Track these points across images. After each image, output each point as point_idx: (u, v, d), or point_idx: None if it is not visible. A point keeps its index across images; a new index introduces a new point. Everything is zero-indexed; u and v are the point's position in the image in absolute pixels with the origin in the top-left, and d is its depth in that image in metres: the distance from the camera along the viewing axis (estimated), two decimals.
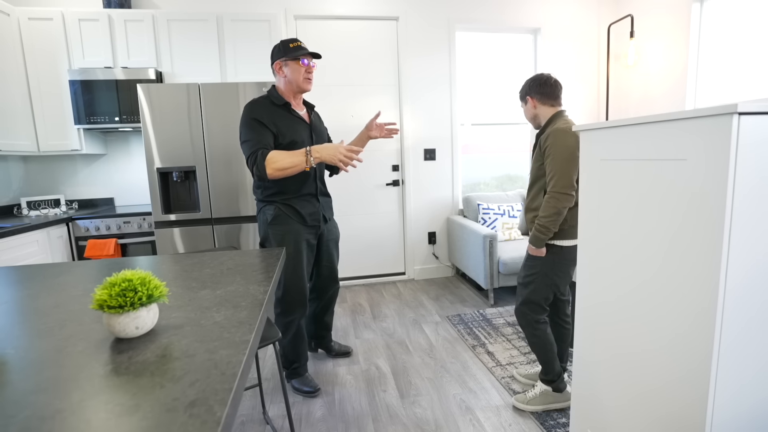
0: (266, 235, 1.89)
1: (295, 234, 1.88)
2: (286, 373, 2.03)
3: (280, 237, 1.87)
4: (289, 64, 1.80)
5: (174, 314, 0.85)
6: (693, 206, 0.93)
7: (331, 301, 2.23)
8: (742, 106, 0.83)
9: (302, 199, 1.90)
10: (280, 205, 1.86)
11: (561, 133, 1.60)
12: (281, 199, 1.87)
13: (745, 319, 0.92)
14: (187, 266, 1.24)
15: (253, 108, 1.78)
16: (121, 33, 2.72)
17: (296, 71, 1.81)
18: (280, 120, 1.80)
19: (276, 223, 1.86)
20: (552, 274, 1.70)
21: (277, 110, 1.82)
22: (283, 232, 1.86)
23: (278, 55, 1.81)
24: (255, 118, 1.76)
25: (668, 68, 3.21)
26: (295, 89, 1.85)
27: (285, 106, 1.84)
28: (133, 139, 3.12)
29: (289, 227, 1.87)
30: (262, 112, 1.78)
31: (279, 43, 1.83)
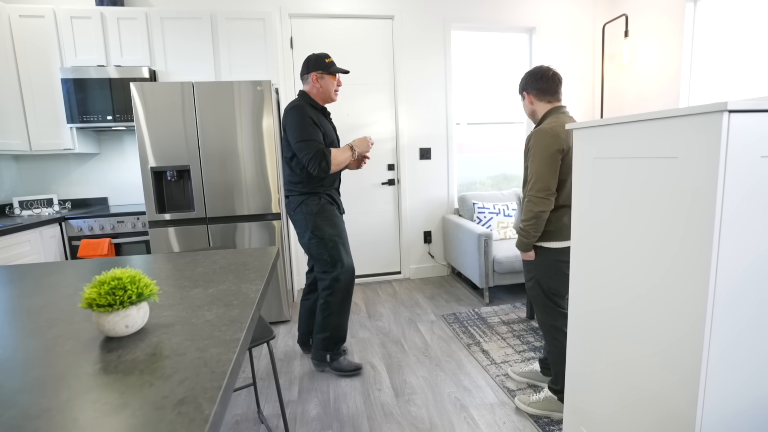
0: (315, 224, 2.04)
1: (338, 218, 2.11)
2: (329, 356, 2.13)
3: (329, 221, 2.06)
4: (325, 77, 2.03)
5: (165, 313, 0.84)
6: (684, 204, 0.93)
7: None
8: (732, 104, 0.84)
9: (335, 190, 2.16)
10: (323, 195, 2.08)
11: (542, 135, 1.57)
12: (323, 190, 2.08)
13: (735, 320, 0.92)
14: (180, 265, 1.23)
15: (304, 110, 1.96)
16: (113, 31, 2.70)
17: (330, 84, 2.05)
18: (322, 122, 2.04)
19: (322, 212, 2.05)
20: (545, 277, 1.69)
21: (318, 114, 2.04)
22: (329, 217, 2.06)
23: (315, 67, 2.03)
24: (311, 118, 1.95)
25: (662, 68, 3.22)
26: (326, 98, 2.07)
27: (322, 110, 2.08)
28: (127, 138, 3.10)
29: (333, 211, 2.09)
30: (312, 114, 1.98)
31: (314, 56, 2.04)
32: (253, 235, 2.64)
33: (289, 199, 2.12)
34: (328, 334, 2.11)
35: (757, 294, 0.93)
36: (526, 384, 1.97)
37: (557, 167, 1.56)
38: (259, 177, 2.59)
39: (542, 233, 1.64)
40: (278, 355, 2.37)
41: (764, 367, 0.98)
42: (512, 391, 1.91)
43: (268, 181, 2.61)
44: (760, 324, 0.95)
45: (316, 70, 2.02)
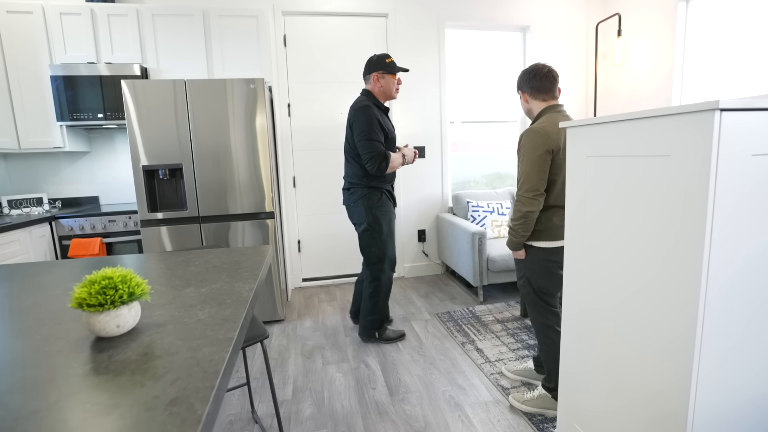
0: (374, 217, 2.27)
1: (393, 213, 2.36)
2: (377, 333, 2.42)
3: (388, 218, 2.31)
4: (386, 76, 2.20)
5: (157, 312, 0.83)
6: (677, 202, 0.94)
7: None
8: (723, 102, 0.84)
9: (391, 186, 2.39)
10: (384, 191, 2.31)
11: (533, 135, 1.57)
12: (384, 186, 2.30)
13: (727, 320, 0.93)
14: (172, 264, 1.22)
15: (371, 110, 2.14)
16: (104, 28, 2.66)
17: (391, 83, 2.22)
18: (385, 120, 2.23)
19: (381, 206, 2.28)
20: (535, 275, 1.69)
21: (381, 113, 2.22)
22: (387, 212, 2.31)
23: (376, 68, 2.20)
24: (377, 119, 2.14)
25: (655, 66, 3.25)
26: (387, 96, 2.25)
27: (385, 109, 2.27)
28: (118, 136, 3.06)
29: (390, 210, 2.34)
30: (377, 114, 2.17)
31: (375, 57, 2.22)
32: (247, 234, 2.62)
33: (350, 191, 2.33)
34: (376, 316, 2.39)
35: (750, 293, 0.94)
36: (521, 382, 1.98)
37: (546, 168, 1.56)
38: (252, 175, 2.58)
39: (532, 232, 1.65)
40: (272, 354, 2.36)
41: (756, 368, 0.99)
42: (506, 389, 1.92)
43: (261, 179, 2.59)
44: (753, 324, 0.96)
45: (377, 70, 2.20)
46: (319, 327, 2.70)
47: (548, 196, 1.61)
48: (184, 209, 2.54)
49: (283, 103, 3.28)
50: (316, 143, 3.40)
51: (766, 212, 0.93)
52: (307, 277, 3.54)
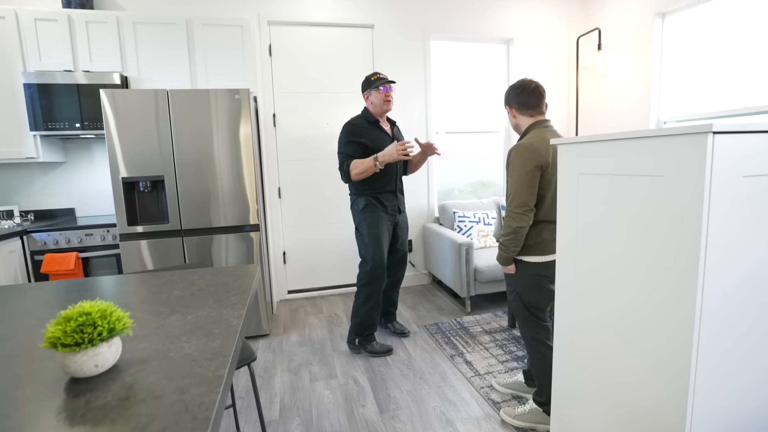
0: (359, 220, 2.42)
1: (380, 219, 2.40)
2: (359, 340, 2.47)
3: (369, 221, 2.38)
4: (372, 93, 2.35)
5: (140, 345, 0.78)
6: (670, 222, 0.94)
7: (399, 281, 2.68)
8: (716, 125, 0.85)
9: (385, 193, 2.43)
10: (369, 197, 2.40)
11: (521, 150, 1.56)
12: (370, 193, 2.40)
13: (722, 339, 0.93)
14: (155, 287, 1.16)
15: (350, 127, 2.35)
16: (82, 35, 2.58)
17: (378, 97, 2.34)
18: (371, 134, 2.36)
19: (366, 211, 2.39)
20: (525, 290, 1.69)
21: (369, 126, 2.37)
22: (372, 218, 2.38)
23: (365, 87, 2.38)
24: (350, 136, 2.33)
25: (634, 81, 3.33)
26: (379, 110, 2.38)
27: (375, 123, 2.39)
28: (96, 146, 2.96)
29: (376, 213, 2.39)
30: (356, 131, 2.34)
31: (365, 78, 2.39)
32: (231, 247, 2.55)
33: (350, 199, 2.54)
34: (359, 320, 2.43)
35: (744, 312, 0.95)
36: (511, 395, 1.97)
37: (536, 183, 1.56)
38: (236, 188, 2.52)
39: (522, 247, 1.64)
40: (258, 371, 2.29)
41: (751, 385, 0.99)
42: (497, 404, 1.90)
43: (245, 191, 2.53)
44: (747, 342, 0.97)
45: (366, 89, 2.38)
46: (305, 341, 2.64)
47: (538, 211, 1.61)
48: (165, 222, 2.46)
49: (269, 113, 3.24)
50: (301, 154, 3.36)
51: (757, 232, 0.94)
52: (292, 289, 3.47)
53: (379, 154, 2.26)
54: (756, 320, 0.97)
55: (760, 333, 0.99)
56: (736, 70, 2.64)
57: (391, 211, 2.46)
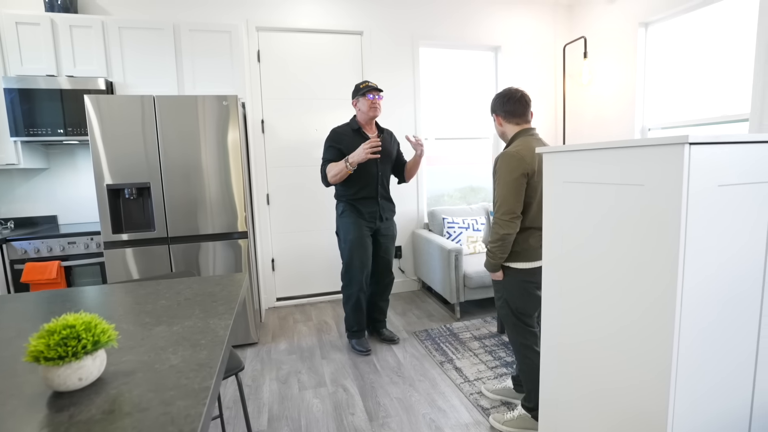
0: (338, 224, 2.52)
1: (357, 225, 2.44)
2: (347, 334, 2.61)
3: (346, 226, 2.45)
4: (359, 100, 2.40)
5: (125, 357, 0.77)
6: (651, 230, 0.96)
7: (386, 289, 2.68)
8: (692, 137, 0.88)
9: (364, 200, 2.46)
10: (346, 203, 2.46)
11: (508, 158, 1.59)
12: (347, 198, 2.46)
13: (703, 348, 0.96)
14: (140, 297, 1.15)
15: (332, 134, 2.43)
16: (66, 39, 2.54)
17: (365, 104, 2.39)
18: (352, 141, 2.40)
19: (343, 216, 2.46)
20: (513, 297, 1.70)
21: (352, 134, 2.43)
22: (348, 223, 2.45)
23: (354, 95, 2.43)
24: (331, 142, 2.41)
25: (619, 89, 3.40)
26: (366, 117, 2.43)
27: (358, 130, 2.44)
28: (80, 152, 2.91)
29: (352, 219, 2.45)
30: (338, 137, 2.41)
31: (355, 86, 2.45)
32: (218, 254, 2.53)
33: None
34: (345, 317, 2.58)
35: (721, 318, 0.98)
36: (500, 401, 1.98)
37: (522, 191, 1.59)
38: (224, 194, 2.50)
39: (510, 254, 1.66)
40: (246, 380, 2.27)
41: (727, 388, 1.02)
42: (486, 410, 1.91)
43: (233, 198, 2.52)
44: (725, 352, 1.00)
45: (354, 97, 2.43)
46: (294, 349, 2.62)
47: (524, 218, 1.64)
48: (151, 230, 2.43)
49: (257, 119, 3.23)
50: (290, 160, 3.35)
51: (733, 240, 0.97)
52: (281, 297, 3.45)
53: (350, 155, 2.30)
54: (734, 326, 1.00)
55: (737, 339, 1.02)
56: (716, 78, 2.73)
57: (369, 218, 2.47)
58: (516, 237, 1.65)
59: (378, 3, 3.38)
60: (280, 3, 3.17)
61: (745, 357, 1.04)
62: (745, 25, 2.53)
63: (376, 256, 2.59)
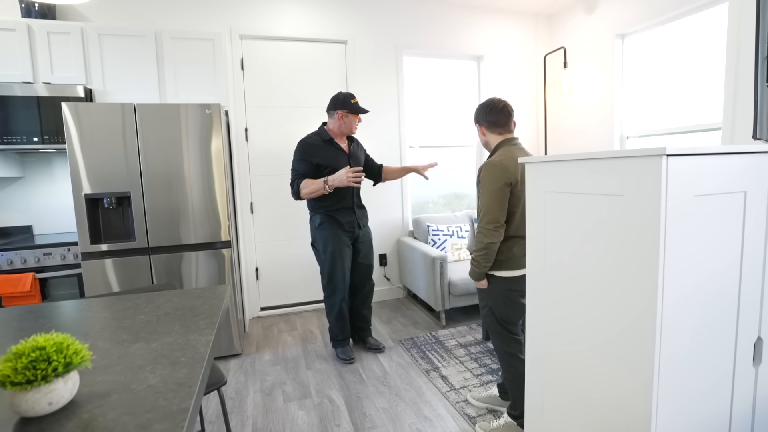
0: (315, 236, 2.49)
1: (336, 236, 2.44)
2: (332, 343, 2.59)
3: (325, 238, 2.43)
4: (346, 115, 2.39)
5: (99, 378, 0.75)
6: (631, 240, 0.98)
7: (368, 296, 2.68)
8: (669, 149, 0.90)
9: (341, 210, 2.46)
10: (324, 214, 2.43)
11: (491, 168, 1.60)
12: (325, 210, 2.44)
13: (681, 360, 0.98)
14: (118, 312, 1.12)
15: (304, 146, 2.38)
16: (43, 46, 2.48)
17: (353, 122, 2.43)
18: (325, 153, 2.39)
19: (321, 228, 2.44)
20: (498, 305, 1.71)
21: (324, 145, 2.40)
22: (327, 234, 2.43)
23: (342, 106, 2.38)
24: (303, 154, 2.37)
25: (598, 97, 3.48)
26: (346, 131, 2.44)
27: (330, 141, 2.42)
28: (57, 160, 2.83)
29: (331, 230, 2.43)
30: (309, 150, 2.37)
31: (341, 95, 2.39)
32: (201, 264, 2.48)
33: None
34: (330, 326, 2.57)
35: (703, 331, 1.00)
36: (486, 409, 1.98)
37: (506, 200, 1.60)
38: (207, 203, 2.46)
39: (494, 262, 1.67)
40: (229, 393, 2.22)
41: (705, 392, 1.04)
42: (472, 418, 1.91)
43: (217, 207, 2.48)
44: (706, 360, 1.02)
45: (342, 108, 2.38)
46: (279, 360, 2.58)
47: (508, 227, 1.65)
48: (131, 240, 2.37)
49: (241, 127, 3.20)
50: (274, 168, 3.32)
51: (710, 250, 1.00)
52: (265, 306, 3.40)
53: (329, 177, 2.29)
54: (713, 333, 1.02)
55: (716, 348, 1.04)
56: (691, 89, 2.81)
57: (349, 228, 2.48)
58: (500, 246, 1.66)
59: (362, 12, 3.40)
60: (264, 11, 3.16)
61: (725, 365, 1.06)
62: (716, 38, 2.62)
63: (355, 263, 2.60)
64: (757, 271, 1.09)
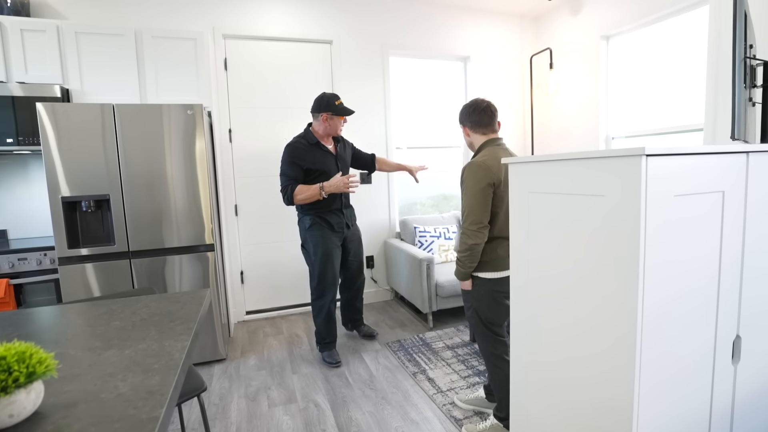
0: (305, 238, 2.49)
1: (326, 237, 2.45)
2: (318, 347, 2.57)
3: (315, 240, 2.44)
4: (331, 117, 2.40)
5: (67, 387, 0.72)
6: (612, 240, 0.98)
7: (360, 290, 2.78)
8: (648, 149, 0.91)
9: (330, 211, 2.47)
10: (314, 216, 2.45)
11: (474, 168, 1.60)
12: (314, 212, 2.45)
13: (661, 363, 0.98)
14: (93, 318, 1.08)
15: (292, 150, 2.38)
16: (16, 44, 2.41)
17: (338, 123, 2.44)
18: (312, 155, 2.40)
19: (312, 230, 2.45)
20: (482, 306, 1.71)
21: (310, 148, 2.41)
22: (318, 236, 2.44)
23: (326, 109, 2.38)
24: (292, 159, 2.36)
25: (584, 98, 3.53)
26: (331, 133, 2.46)
27: (317, 144, 2.43)
28: (33, 162, 2.75)
29: (321, 232, 2.44)
30: (298, 154, 2.37)
31: (326, 98, 2.39)
32: (185, 268, 2.43)
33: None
34: (317, 330, 2.55)
35: (682, 334, 1.00)
36: (473, 411, 1.97)
37: (489, 200, 1.60)
38: (190, 206, 2.41)
39: (478, 263, 1.67)
40: (213, 399, 2.18)
41: (690, 408, 1.04)
42: (459, 420, 1.90)
43: (200, 209, 2.44)
44: (686, 365, 1.02)
45: (327, 111, 2.38)
46: (264, 365, 2.54)
47: (492, 228, 1.65)
48: (111, 244, 2.31)
49: (224, 128, 3.15)
50: (259, 170, 3.28)
51: (689, 249, 1.00)
52: (251, 310, 3.35)
53: (325, 183, 2.34)
54: (690, 337, 1.03)
55: (696, 350, 1.05)
56: (674, 90, 2.87)
57: (338, 229, 2.51)
58: (484, 247, 1.66)
59: (347, 12, 3.39)
60: (248, 11, 3.13)
61: (705, 364, 1.07)
62: (698, 40, 2.68)
63: (346, 261, 2.65)
64: (735, 270, 1.10)
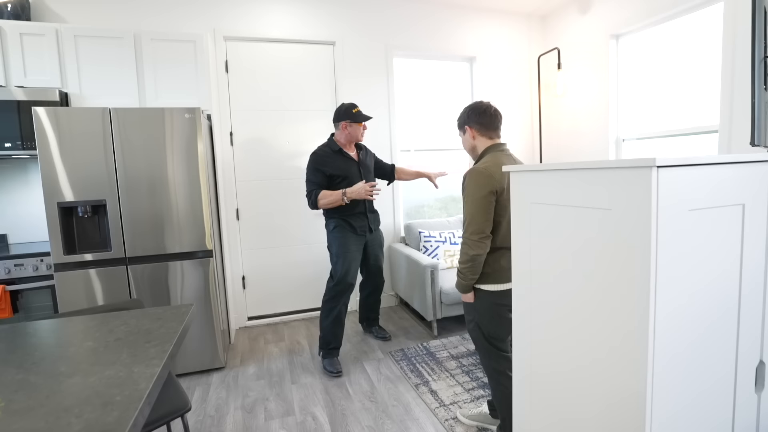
0: (329, 241, 2.55)
1: (347, 239, 2.51)
2: (321, 353, 2.54)
3: (338, 241, 2.50)
4: (351, 125, 2.48)
5: (15, 425, 0.66)
6: (620, 258, 0.90)
7: (377, 290, 2.85)
8: (660, 160, 0.82)
9: (354, 215, 2.53)
10: (338, 219, 2.52)
11: (476, 175, 1.53)
12: (339, 215, 2.52)
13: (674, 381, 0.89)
14: (66, 337, 1.03)
15: (316, 157, 2.47)
16: (15, 48, 2.40)
17: (357, 130, 2.50)
18: (335, 162, 2.48)
19: (335, 232, 2.51)
20: (484, 320, 1.62)
21: (333, 155, 2.49)
22: (340, 238, 2.50)
23: (345, 117, 2.47)
24: (316, 165, 2.45)
25: (593, 99, 3.41)
26: (353, 141, 2.54)
27: (339, 151, 2.50)
28: (33, 167, 2.74)
29: (344, 234, 2.51)
30: (321, 160, 2.46)
31: (343, 107, 2.47)
32: (186, 274, 2.39)
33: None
34: (322, 334, 2.51)
35: (697, 352, 0.91)
36: (476, 428, 1.89)
37: (491, 209, 1.52)
38: (190, 211, 2.37)
39: (480, 275, 1.59)
40: (209, 410, 2.13)
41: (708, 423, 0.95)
42: None
43: (201, 214, 2.39)
44: (702, 381, 0.93)
45: (345, 119, 2.46)
46: (263, 374, 2.49)
47: (495, 238, 1.57)
48: (107, 250, 2.28)
49: (225, 131, 3.11)
50: (261, 173, 3.24)
51: (706, 267, 0.91)
52: (252, 316, 3.31)
53: (348, 189, 2.39)
54: (707, 354, 0.94)
55: (713, 368, 0.96)
56: (687, 90, 2.74)
57: (360, 232, 2.55)
58: (486, 258, 1.57)
59: (351, 12, 3.33)
60: (249, 11, 3.08)
61: (725, 391, 0.98)
62: (712, 38, 2.55)
63: (367, 263, 2.72)
64: (758, 291, 1.01)
